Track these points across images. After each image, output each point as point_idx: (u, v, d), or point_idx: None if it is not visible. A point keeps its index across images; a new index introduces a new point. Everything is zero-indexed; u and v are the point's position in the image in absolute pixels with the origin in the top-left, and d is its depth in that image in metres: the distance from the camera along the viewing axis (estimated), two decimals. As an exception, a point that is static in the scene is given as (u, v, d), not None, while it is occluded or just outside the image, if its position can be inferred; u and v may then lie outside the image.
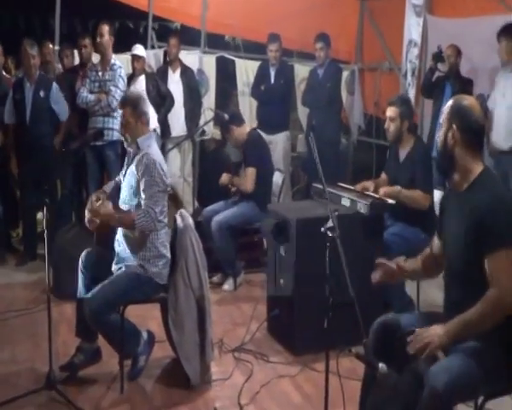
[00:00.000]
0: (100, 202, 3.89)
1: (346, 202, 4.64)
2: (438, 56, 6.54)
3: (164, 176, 3.91)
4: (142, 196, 3.86)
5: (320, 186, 4.67)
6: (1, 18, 12.15)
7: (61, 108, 6.48)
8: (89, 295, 3.82)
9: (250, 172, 5.73)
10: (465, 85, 6.37)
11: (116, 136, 6.27)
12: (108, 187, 4.29)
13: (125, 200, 4.00)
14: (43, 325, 4.22)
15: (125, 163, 4.18)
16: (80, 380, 4.02)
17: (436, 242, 3.15)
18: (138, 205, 3.90)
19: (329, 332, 3.26)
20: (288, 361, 4.30)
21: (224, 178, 5.92)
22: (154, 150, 3.99)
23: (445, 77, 6.53)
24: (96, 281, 3.91)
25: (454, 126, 2.84)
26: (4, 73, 7.11)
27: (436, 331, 2.69)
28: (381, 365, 2.79)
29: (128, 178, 4.00)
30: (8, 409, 3.68)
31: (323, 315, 3.36)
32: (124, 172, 4.14)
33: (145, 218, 3.81)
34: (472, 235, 2.74)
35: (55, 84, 6.47)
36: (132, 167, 3.95)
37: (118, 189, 4.17)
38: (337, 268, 3.44)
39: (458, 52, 6.43)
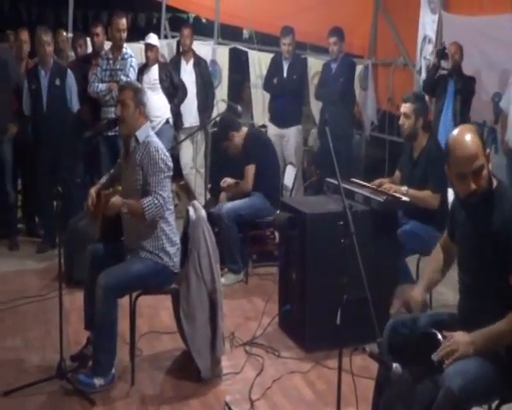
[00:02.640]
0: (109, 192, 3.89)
1: (359, 198, 4.62)
2: (441, 53, 6.50)
3: (167, 160, 3.91)
4: (149, 183, 3.85)
5: (334, 181, 4.66)
6: (16, 8, 12.21)
7: (74, 97, 6.45)
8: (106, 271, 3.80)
9: (248, 170, 5.74)
10: (468, 83, 6.36)
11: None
12: (103, 180, 4.26)
13: (128, 195, 3.93)
14: (54, 312, 4.27)
15: (121, 157, 4.16)
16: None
17: (446, 240, 3.16)
18: (143, 196, 3.87)
19: (342, 329, 3.25)
20: (299, 357, 4.29)
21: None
22: (153, 138, 3.98)
23: (448, 74, 6.49)
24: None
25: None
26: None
27: (463, 339, 2.68)
28: (395, 365, 2.78)
29: (130, 174, 3.97)
30: (20, 396, 3.71)
31: (336, 312, 3.36)
32: (120, 166, 4.13)
33: (154, 204, 3.81)
34: (492, 249, 2.72)
35: (69, 72, 6.43)
36: (135, 162, 3.91)
37: (116, 177, 4.16)
38: (351, 264, 3.43)
39: (461, 49, 6.40)
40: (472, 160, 2.71)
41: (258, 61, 8.54)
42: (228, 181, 5.94)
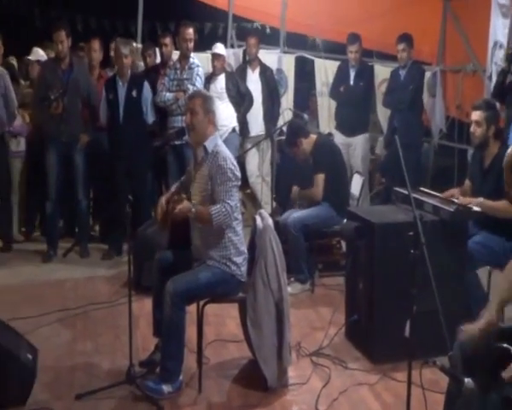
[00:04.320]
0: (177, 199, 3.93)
1: (428, 208, 4.53)
2: (510, 58, 6.28)
3: (235, 170, 3.92)
4: (217, 192, 3.87)
5: (403, 191, 4.60)
6: (87, 20, 12.60)
7: (150, 109, 6.54)
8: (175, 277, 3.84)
9: (319, 179, 5.69)
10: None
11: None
12: (174, 187, 4.32)
13: (197, 203, 3.97)
14: (123, 318, 4.36)
15: (191, 166, 4.19)
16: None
17: None
18: (212, 204, 3.89)
19: (411, 341, 3.20)
20: (366, 369, 4.23)
21: (294, 193, 5.90)
22: (221, 147, 3.99)
23: None
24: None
25: None
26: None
27: None
28: (467, 380, 2.71)
29: (199, 183, 4.01)
30: (91, 400, 3.81)
31: (405, 323, 3.31)
32: (191, 175, 4.17)
33: (221, 212, 3.82)
34: None
35: (146, 84, 6.52)
36: (204, 171, 3.95)
37: (186, 185, 4.19)
38: (420, 276, 3.37)
39: None
40: None
41: (325, 69, 8.51)
42: (295, 192, 5.91)
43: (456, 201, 4.53)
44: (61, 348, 4.51)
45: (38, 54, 7.21)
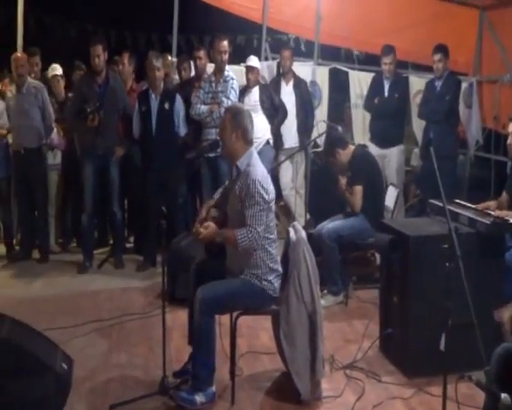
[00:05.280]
0: (203, 225, 3.94)
1: (464, 221, 4.47)
2: None
3: (265, 193, 3.83)
4: (245, 216, 3.84)
5: (438, 203, 4.55)
6: (122, 36, 12.79)
7: (182, 122, 6.61)
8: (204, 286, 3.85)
9: (357, 191, 5.65)
10: None
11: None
12: (217, 194, 4.33)
13: (232, 222, 3.99)
14: (157, 329, 4.40)
15: (229, 181, 4.21)
16: (192, 387, 4.09)
17: None
18: (243, 225, 3.87)
19: (446, 355, 3.16)
20: (400, 382, 4.18)
21: (342, 182, 5.77)
22: (253, 167, 3.92)
23: None
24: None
25: None
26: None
27: None
28: (503, 395, 2.67)
29: (232, 201, 4.01)
30: (124, 411, 3.82)
31: (439, 337, 3.27)
32: (226, 188, 4.19)
33: (247, 237, 3.81)
34: None
35: (178, 97, 6.59)
36: (236, 191, 3.94)
37: (225, 196, 4.19)
38: (456, 289, 3.33)
39: None
40: None
41: (359, 81, 8.48)
42: (343, 182, 5.81)
43: (492, 213, 4.47)
44: (96, 358, 4.55)
45: (57, 69, 7.32)
